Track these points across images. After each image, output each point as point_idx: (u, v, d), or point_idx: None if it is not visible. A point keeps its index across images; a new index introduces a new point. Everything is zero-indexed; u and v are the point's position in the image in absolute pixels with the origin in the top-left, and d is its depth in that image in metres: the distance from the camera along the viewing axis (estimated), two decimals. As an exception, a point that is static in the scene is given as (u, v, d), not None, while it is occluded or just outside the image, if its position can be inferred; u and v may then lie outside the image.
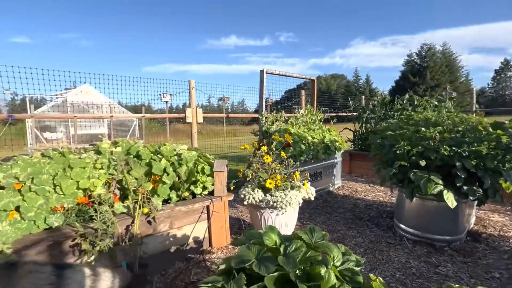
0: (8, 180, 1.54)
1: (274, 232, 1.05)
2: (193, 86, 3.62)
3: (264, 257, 0.93)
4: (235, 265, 0.89)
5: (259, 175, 2.22)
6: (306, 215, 2.99)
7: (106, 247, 1.61)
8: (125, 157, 1.95)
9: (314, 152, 3.37)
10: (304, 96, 5.09)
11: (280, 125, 3.63)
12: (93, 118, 5.56)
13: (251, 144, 2.46)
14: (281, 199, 2.11)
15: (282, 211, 2.17)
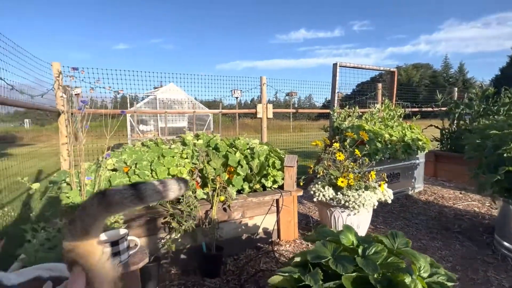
0: (119, 164, 1.89)
1: (351, 232, 1.02)
2: (265, 82, 3.72)
3: (341, 256, 0.91)
4: (311, 259, 0.90)
5: (330, 173, 2.17)
6: (380, 219, 2.77)
7: (190, 227, 1.83)
8: (205, 149, 2.16)
9: (392, 151, 3.08)
10: (381, 89, 4.67)
11: (353, 121, 3.44)
12: (179, 113, 6.31)
13: (322, 140, 2.40)
14: (353, 199, 2.02)
15: (354, 211, 2.07)
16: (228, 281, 1.78)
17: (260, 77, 3.76)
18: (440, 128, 4.52)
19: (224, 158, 2.17)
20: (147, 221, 1.82)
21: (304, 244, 2.22)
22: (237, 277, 1.81)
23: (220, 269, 1.86)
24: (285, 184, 2.24)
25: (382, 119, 3.72)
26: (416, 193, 3.53)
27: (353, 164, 2.22)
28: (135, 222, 1.78)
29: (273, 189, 2.29)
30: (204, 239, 1.89)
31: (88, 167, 1.86)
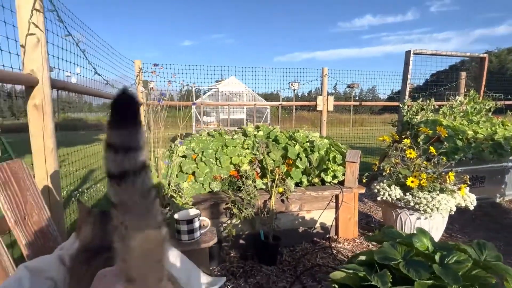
0: (188, 152, 2.07)
1: (426, 237, 0.93)
2: (326, 74, 3.58)
3: (413, 260, 0.84)
4: (379, 259, 0.86)
5: (398, 171, 1.99)
6: (456, 227, 2.45)
7: (249, 215, 1.91)
8: (265, 140, 2.20)
9: (476, 151, 2.66)
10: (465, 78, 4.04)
11: (427, 115, 3.07)
12: (240, 106, 6.58)
13: (390, 136, 2.21)
14: (425, 202, 1.82)
15: (425, 215, 1.87)
16: (284, 270, 1.81)
17: (322, 68, 3.63)
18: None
19: (284, 150, 2.18)
20: (211, 205, 1.96)
21: (364, 244, 2.11)
22: (293, 268, 1.83)
23: (277, 258, 1.90)
24: (346, 180, 2.15)
25: (464, 114, 3.23)
26: (506, 202, 2.99)
27: (426, 163, 1.99)
28: (200, 205, 1.94)
29: (333, 184, 2.22)
30: (262, 228, 1.96)
31: (163, 153, 2.09)
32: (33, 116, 1.12)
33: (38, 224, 0.77)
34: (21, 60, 1.10)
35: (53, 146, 1.17)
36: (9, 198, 0.70)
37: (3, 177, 0.70)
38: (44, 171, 1.14)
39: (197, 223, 0.93)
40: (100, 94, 1.97)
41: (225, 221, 2.02)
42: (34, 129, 1.13)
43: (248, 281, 1.70)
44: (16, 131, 10.15)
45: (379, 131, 7.86)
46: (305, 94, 34.71)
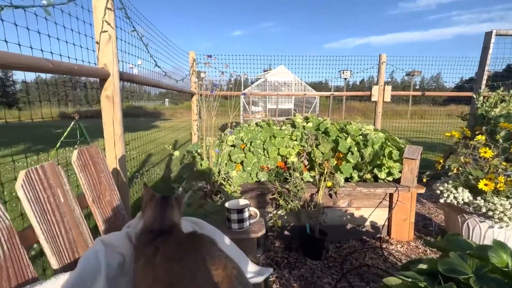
0: (237, 141, 2.12)
1: (506, 251, 0.80)
2: (384, 61, 3.29)
3: (489, 277, 0.74)
4: (445, 271, 0.77)
5: (468, 171, 1.76)
6: (540, 240, 2.08)
7: (295, 207, 1.90)
8: (314, 132, 2.14)
9: None
10: None
11: (509, 107, 2.62)
12: (290, 96, 6.51)
13: (460, 131, 1.95)
14: (502, 209, 1.58)
15: (500, 224, 1.63)
16: (330, 266, 1.77)
17: (379, 55, 3.34)
18: None
19: (334, 143, 2.09)
20: (258, 194, 2.00)
21: (421, 249, 1.94)
22: (339, 265, 1.77)
23: (322, 253, 1.86)
24: (403, 178, 1.98)
25: (561, 106, 2.67)
26: None
27: (505, 164, 1.71)
28: (247, 194, 1.98)
29: (387, 181, 2.07)
30: (308, 221, 1.93)
31: (213, 141, 2.18)
32: (105, 106, 1.25)
33: (110, 203, 0.87)
34: (96, 55, 1.23)
35: (121, 133, 1.30)
36: (87, 179, 0.80)
37: (83, 160, 0.80)
38: (114, 155, 1.28)
39: (247, 213, 0.95)
40: (159, 85, 2.12)
41: (270, 211, 2.04)
42: (106, 118, 1.26)
43: (292, 272, 1.70)
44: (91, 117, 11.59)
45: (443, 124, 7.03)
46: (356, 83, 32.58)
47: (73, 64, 1.00)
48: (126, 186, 1.34)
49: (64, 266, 0.63)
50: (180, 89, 2.78)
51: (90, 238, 0.75)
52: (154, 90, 2.88)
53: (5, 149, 5.76)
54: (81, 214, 0.73)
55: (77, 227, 0.69)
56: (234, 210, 0.93)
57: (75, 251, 0.67)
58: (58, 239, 0.63)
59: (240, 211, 0.93)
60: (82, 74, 1.05)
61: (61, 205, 0.67)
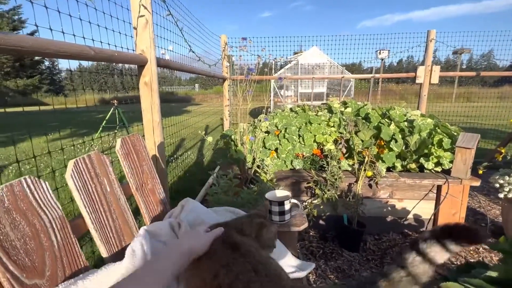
0: (271, 128, 2.06)
1: None
2: (433, 38, 2.96)
3: None
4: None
5: (537, 164, 1.53)
6: None
7: (332, 197, 1.82)
8: (354, 118, 2.00)
9: None
10: None
11: None
12: (325, 79, 6.24)
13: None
14: None
15: None
16: (368, 259, 1.69)
17: (428, 31, 3.00)
18: None
19: (375, 130, 1.95)
20: (292, 182, 1.94)
21: (472, 246, 1.77)
22: (379, 258, 1.69)
23: (360, 245, 1.79)
24: (454, 169, 1.79)
25: None
26: None
27: None
28: (282, 181, 1.94)
29: (435, 172, 1.89)
30: (345, 211, 1.85)
31: (246, 127, 2.14)
32: (144, 92, 1.25)
33: (152, 191, 0.87)
34: (134, 41, 1.22)
35: (159, 120, 1.30)
36: (131, 167, 0.80)
37: (126, 149, 0.80)
38: (152, 142, 1.29)
39: (288, 205, 0.91)
40: (193, 70, 2.10)
41: (305, 199, 1.98)
42: (145, 105, 1.27)
43: (329, 263, 1.65)
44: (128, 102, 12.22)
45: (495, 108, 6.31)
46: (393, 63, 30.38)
47: (113, 51, 0.99)
48: (165, 173, 1.36)
49: (112, 255, 0.64)
50: (212, 74, 2.75)
51: (135, 226, 0.75)
52: (185, 75, 2.89)
53: (55, 133, 6.28)
54: (126, 203, 0.73)
55: (122, 215, 0.70)
56: (275, 202, 0.89)
57: (122, 240, 0.68)
58: (106, 228, 0.64)
59: (281, 203, 0.89)
60: (121, 60, 1.04)
61: (108, 194, 0.67)
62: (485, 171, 1.98)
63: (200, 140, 5.22)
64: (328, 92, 8.95)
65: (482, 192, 2.65)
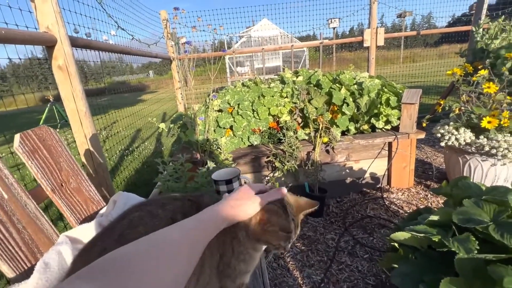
0: (224, 105, 1.96)
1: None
2: (375, 0, 2.99)
3: (509, 223, 0.66)
4: (460, 222, 0.70)
5: (471, 110, 1.65)
6: (539, 171, 2.08)
7: (292, 168, 1.82)
8: (306, 86, 1.97)
9: None
10: None
11: (509, 37, 2.44)
12: (276, 50, 6.09)
13: (462, 67, 1.80)
14: (506, 145, 1.51)
15: (504, 161, 1.57)
16: (332, 222, 1.75)
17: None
18: None
19: (327, 96, 1.95)
20: (252, 159, 1.90)
21: (421, 194, 1.92)
22: (342, 219, 1.75)
23: (323, 210, 1.83)
24: (402, 125, 1.88)
25: None
26: None
27: (510, 98, 1.61)
28: (241, 159, 1.89)
29: (385, 130, 1.97)
30: (306, 180, 1.87)
31: (198, 108, 2.02)
32: (60, 78, 1.07)
33: (77, 190, 0.75)
34: (34, 17, 1.01)
35: (86, 109, 1.14)
36: (41, 167, 0.67)
37: (30, 145, 0.66)
38: (83, 135, 1.13)
39: (237, 182, 0.85)
40: (126, 51, 1.88)
41: (267, 174, 1.96)
42: (64, 92, 1.09)
43: (295, 232, 1.68)
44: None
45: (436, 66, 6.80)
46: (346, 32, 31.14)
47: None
48: (104, 167, 1.21)
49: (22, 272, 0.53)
50: (155, 55, 2.51)
51: (56, 233, 0.64)
52: (136, 62, 2.62)
53: (-14, 141, 5.50)
54: (37, 208, 0.61)
55: (33, 224, 0.59)
56: (222, 181, 0.83)
57: (35, 252, 0.57)
58: (7, 242, 0.53)
59: (229, 182, 0.83)
60: (16, 41, 0.85)
61: (5, 202, 0.55)
62: (429, 124, 2.12)
63: (157, 129, 4.94)
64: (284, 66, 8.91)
65: (428, 144, 2.87)
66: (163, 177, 1.14)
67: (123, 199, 0.71)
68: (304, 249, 1.53)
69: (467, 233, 0.69)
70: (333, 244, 1.55)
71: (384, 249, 1.45)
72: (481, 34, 2.52)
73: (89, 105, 1.17)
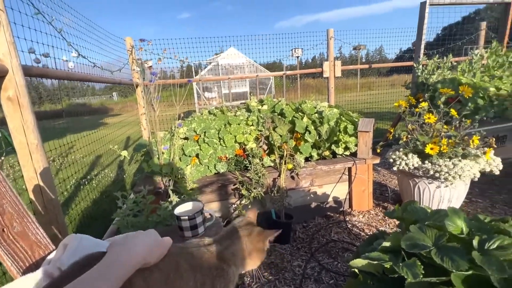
0: (190, 133, 1.96)
1: (460, 217, 0.82)
2: (332, 36, 3.30)
3: (447, 247, 0.74)
4: (407, 247, 0.76)
5: (416, 138, 1.84)
6: (476, 190, 2.34)
7: (259, 195, 1.84)
8: (271, 115, 2.06)
9: (499, 109, 2.45)
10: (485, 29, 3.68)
11: (444, 73, 2.82)
12: (242, 78, 6.33)
13: (406, 100, 2.03)
14: (446, 170, 1.69)
15: (446, 183, 1.75)
16: (299, 248, 1.76)
17: (327, 30, 3.33)
18: None
19: (291, 124, 2.04)
20: (218, 187, 1.89)
21: (379, 216, 2.04)
22: (308, 245, 1.78)
23: (290, 236, 1.85)
24: (359, 151, 2.02)
25: (485, 69, 2.96)
26: (528, 160, 2.83)
27: (446, 127, 1.83)
28: (207, 188, 1.86)
29: (345, 156, 2.10)
30: (273, 206, 1.89)
31: (164, 135, 1.98)
32: (9, 110, 1.00)
33: (22, 234, 0.69)
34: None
35: (38, 141, 1.07)
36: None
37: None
38: (32, 169, 1.05)
39: (200, 217, 0.84)
40: (87, 78, 1.82)
41: (234, 202, 1.95)
42: (13, 125, 1.02)
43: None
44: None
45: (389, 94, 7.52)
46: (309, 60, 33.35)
47: None
48: (56, 203, 1.13)
49: None
50: (118, 82, 2.46)
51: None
52: (99, 84, 2.54)
53: None
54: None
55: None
56: (184, 217, 0.82)
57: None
58: None
59: (192, 218, 0.82)
60: (-41, 72, 0.80)
61: None
62: (384, 148, 2.30)
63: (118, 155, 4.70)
64: (251, 91, 9.23)
65: (384, 167, 3.10)
66: (121, 212, 1.09)
67: (75, 242, 0.66)
68: (272, 278, 1.52)
69: (413, 258, 0.75)
70: (299, 271, 1.55)
71: (348, 274, 1.50)
72: (421, 70, 2.88)
73: (43, 129, 1.10)
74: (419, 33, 2.90)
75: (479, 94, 2.48)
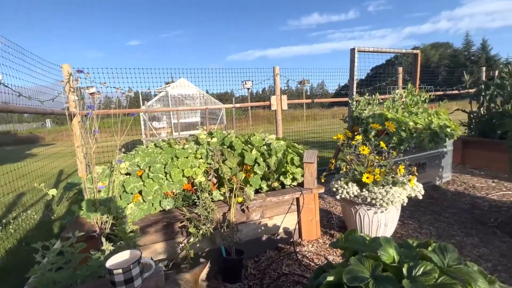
0: (133, 168, 1.83)
1: (391, 246, 0.90)
2: (278, 73, 3.55)
3: (382, 277, 0.79)
4: (348, 281, 0.79)
5: (354, 168, 2.02)
6: (407, 213, 2.61)
7: (208, 231, 1.76)
8: (220, 148, 2.06)
9: (418, 141, 2.87)
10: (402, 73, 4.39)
11: (373, 109, 3.23)
12: (191, 110, 6.29)
13: (344, 133, 2.24)
14: (381, 196, 1.87)
15: (381, 209, 1.92)
16: (250, 286, 1.70)
17: (273, 67, 3.59)
18: (468, 112, 4.20)
19: (240, 157, 2.06)
20: (164, 226, 1.76)
21: (327, 244, 2.11)
22: (259, 281, 1.73)
23: (241, 273, 1.78)
24: (305, 181, 2.12)
25: (405, 106, 3.48)
26: (444, 184, 3.31)
27: (378, 158, 2.06)
28: (151, 227, 1.72)
29: (293, 187, 2.18)
30: (223, 243, 1.82)
31: (102, 171, 1.81)
32: None
33: None
34: None
35: None
36: None
37: None
38: None
39: (137, 268, 0.76)
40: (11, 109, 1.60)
41: (181, 241, 1.83)
42: None
43: (212, 306, 1.55)
44: None
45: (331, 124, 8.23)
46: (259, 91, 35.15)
47: None
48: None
49: None
50: (50, 112, 2.22)
51: None
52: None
53: None
54: None
55: None
56: (118, 270, 0.73)
57: None
58: None
59: (127, 270, 0.73)
60: None
61: None
62: (329, 176, 2.45)
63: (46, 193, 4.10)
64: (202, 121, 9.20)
65: (329, 194, 3.28)
66: (39, 268, 0.92)
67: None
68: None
69: (354, 291, 0.78)
70: (251, 312, 1.48)
71: (299, 309, 1.48)
72: (355, 105, 3.25)
73: None
74: (351, 74, 3.31)
75: (402, 128, 2.88)
